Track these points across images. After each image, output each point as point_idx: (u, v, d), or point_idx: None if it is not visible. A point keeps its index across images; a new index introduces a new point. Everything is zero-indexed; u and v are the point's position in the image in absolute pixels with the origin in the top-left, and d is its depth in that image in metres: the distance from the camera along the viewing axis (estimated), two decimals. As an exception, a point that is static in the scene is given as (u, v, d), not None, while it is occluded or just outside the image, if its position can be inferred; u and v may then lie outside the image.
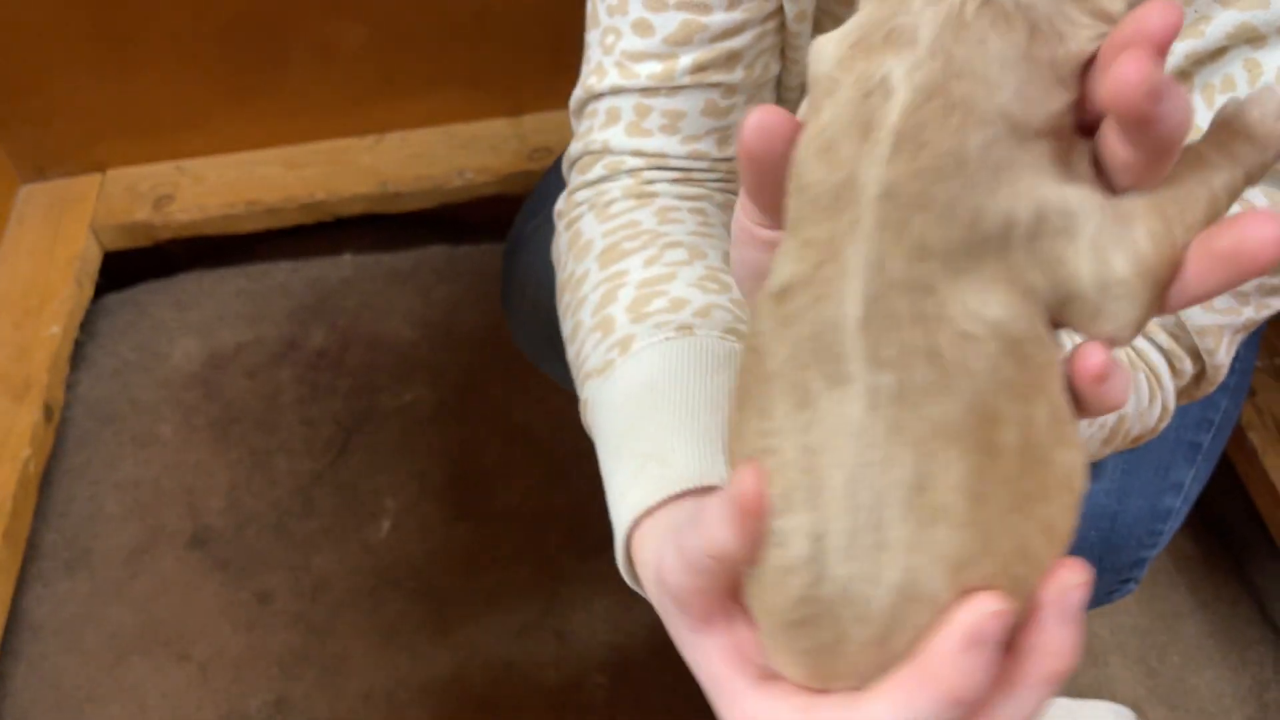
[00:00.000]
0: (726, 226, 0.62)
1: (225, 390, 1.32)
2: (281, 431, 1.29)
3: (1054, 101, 0.29)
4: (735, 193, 0.63)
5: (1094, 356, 0.31)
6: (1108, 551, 0.71)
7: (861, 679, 0.31)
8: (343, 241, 1.44)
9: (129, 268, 1.41)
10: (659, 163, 0.62)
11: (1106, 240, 0.29)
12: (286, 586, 1.16)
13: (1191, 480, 0.74)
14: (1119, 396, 0.32)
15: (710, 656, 0.35)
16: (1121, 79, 0.28)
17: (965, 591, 0.29)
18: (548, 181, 0.89)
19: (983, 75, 0.28)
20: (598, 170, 0.63)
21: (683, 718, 1.03)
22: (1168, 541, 0.74)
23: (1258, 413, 1.03)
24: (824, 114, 0.30)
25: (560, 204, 0.66)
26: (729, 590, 0.34)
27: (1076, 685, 1.02)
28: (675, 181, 0.62)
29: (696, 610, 0.35)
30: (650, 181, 0.62)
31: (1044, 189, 0.29)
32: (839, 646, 0.31)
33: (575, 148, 0.64)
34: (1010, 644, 0.30)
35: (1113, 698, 1.00)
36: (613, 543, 0.47)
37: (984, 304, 0.29)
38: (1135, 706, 1.00)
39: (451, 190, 1.32)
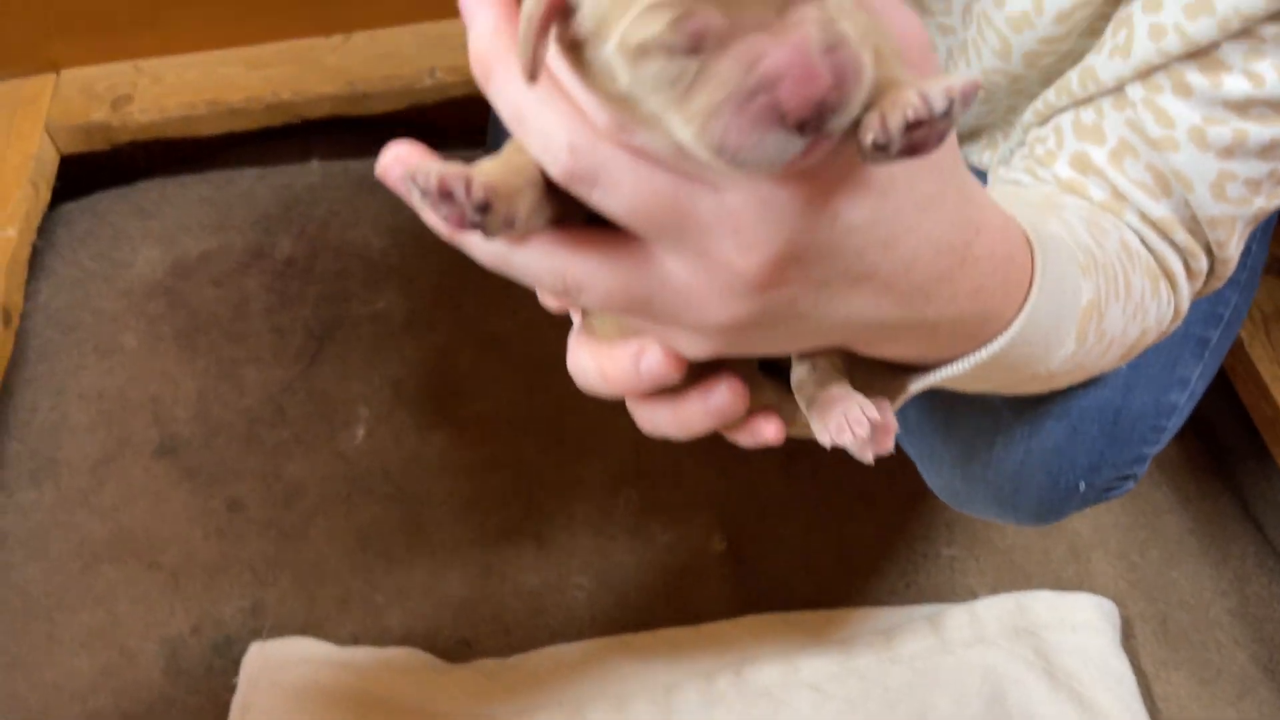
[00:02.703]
0: None
1: (191, 299, 1.29)
2: (250, 340, 1.25)
3: None
4: None
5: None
6: (1110, 445, 0.70)
7: None
8: (309, 147, 1.40)
9: (87, 175, 1.36)
10: None
11: None
12: (258, 494, 1.14)
13: (1198, 377, 0.73)
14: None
15: None
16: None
17: None
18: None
19: None
20: None
21: (665, 620, 1.03)
22: (1171, 437, 0.73)
23: (1243, 306, 1.02)
24: None
25: None
26: None
27: (1059, 579, 1.02)
28: None
29: None
30: None
31: None
32: None
33: None
34: None
35: (1094, 591, 1.00)
36: (590, 450, 0.48)
37: None
38: (1116, 600, 1.00)
39: (421, 90, 1.28)
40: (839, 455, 0.51)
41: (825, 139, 0.32)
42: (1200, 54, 0.55)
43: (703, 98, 0.31)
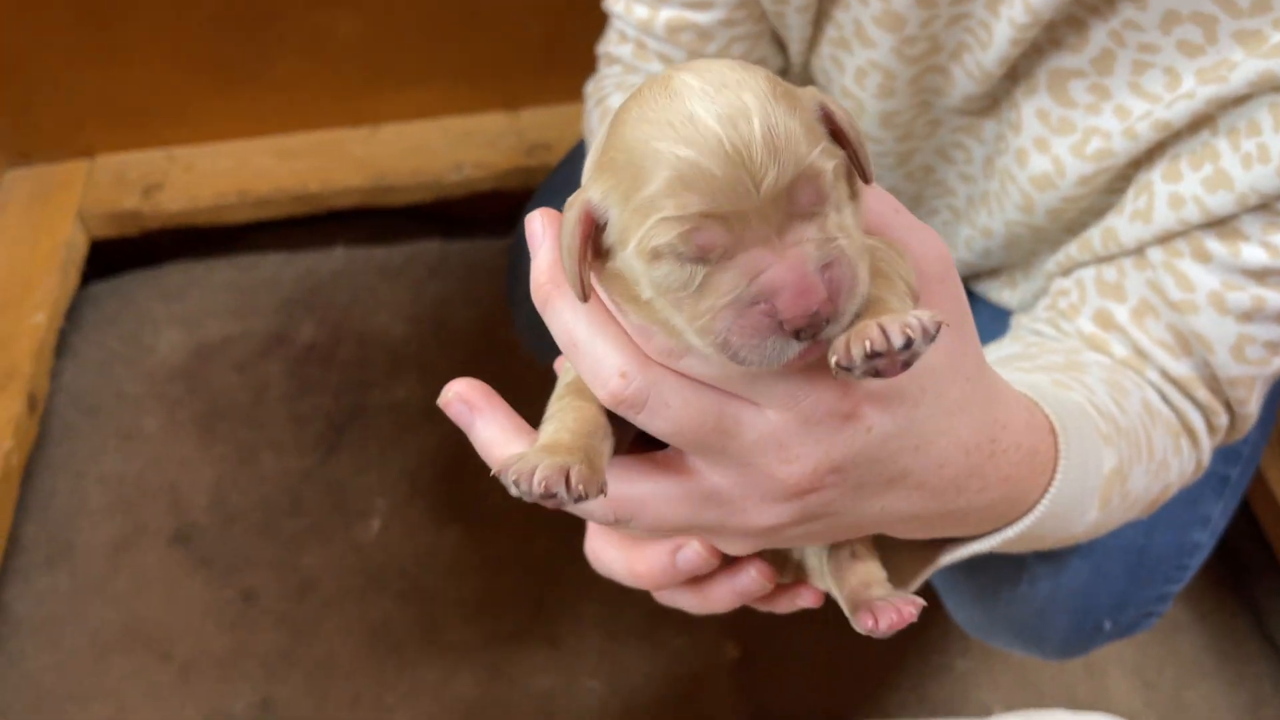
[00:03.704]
0: None
1: (212, 384, 1.30)
2: (269, 427, 1.26)
3: None
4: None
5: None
6: (1134, 585, 0.70)
7: None
8: (334, 234, 1.42)
9: (114, 256, 1.38)
10: None
11: None
12: (272, 585, 1.14)
13: (1219, 513, 0.73)
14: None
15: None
16: None
17: None
18: (555, 177, 0.88)
19: None
20: (623, 58, 0.74)
21: (675, 725, 1.02)
22: (1192, 576, 0.73)
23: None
24: None
25: (589, 86, 0.74)
26: None
27: (1074, 697, 1.01)
28: None
29: None
30: None
31: None
32: None
33: (600, 49, 0.76)
34: None
35: (1109, 710, 0.99)
36: None
37: None
38: (1131, 719, 0.99)
39: (448, 185, 1.30)
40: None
41: (819, 344, 0.35)
42: (1219, 224, 0.56)
43: (708, 300, 0.34)
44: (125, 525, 1.19)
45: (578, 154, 0.87)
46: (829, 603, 0.56)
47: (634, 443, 0.42)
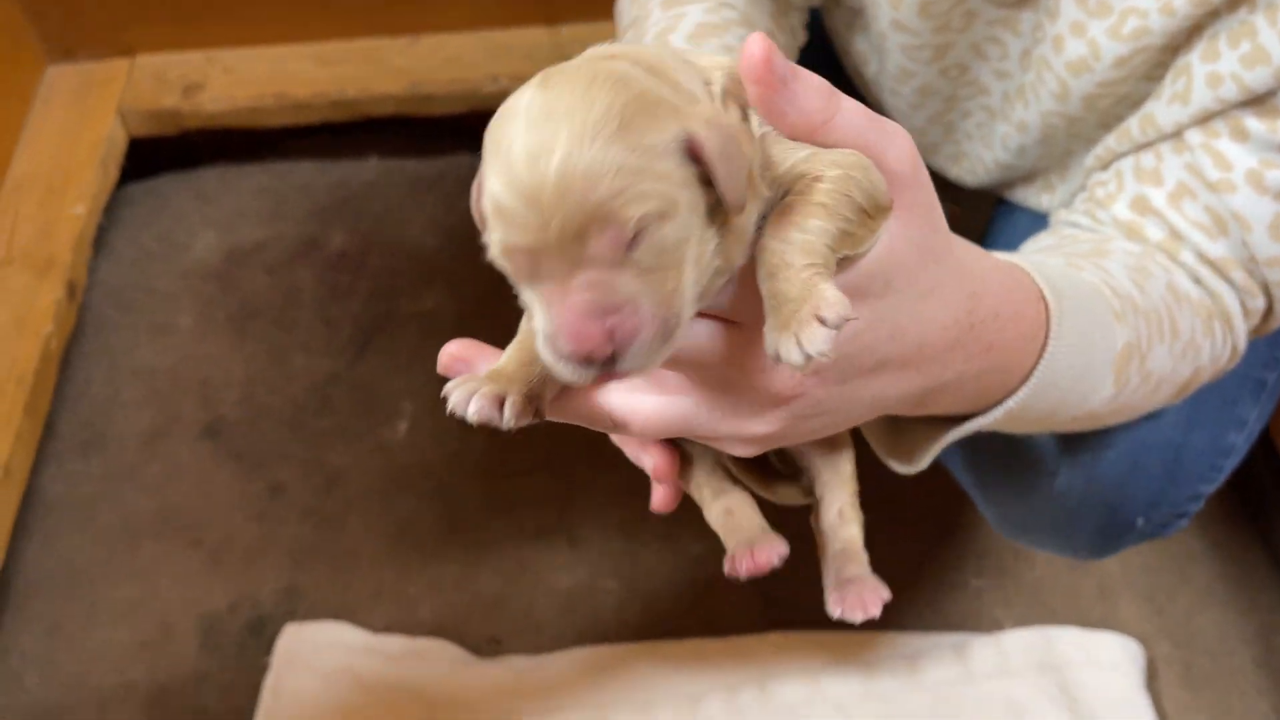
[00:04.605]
0: (771, 14, 0.71)
1: (244, 285, 1.32)
2: (300, 329, 1.28)
3: None
4: None
5: (752, 43, 0.36)
6: (1169, 483, 0.71)
7: None
8: (368, 145, 1.42)
9: (152, 158, 1.39)
10: None
11: None
12: (300, 480, 1.16)
13: (1255, 418, 0.73)
14: (808, 102, 0.38)
15: None
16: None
17: None
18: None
19: None
20: None
21: (691, 630, 1.04)
22: (1226, 477, 0.74)
23: None
24: None
25: None
26: None
27: (1086, 619, 1.03)
28: None
29: None
30: None
31: None
32: None
33: None
34: None
35: (1120, 632, 1.01)
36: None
37: None
38: (1142, 642, 1.01)
39: (485, 96, 1.31)
40: (869, 482, 0.57)
41: (619, 372, 0.36)
42: (1257, 101, 0.56)
43: (536, 316, 0.37)
44: (157, 417, 1.21)
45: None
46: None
47: None
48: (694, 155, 0.35)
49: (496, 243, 0.35)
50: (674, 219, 0.35)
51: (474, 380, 0.40)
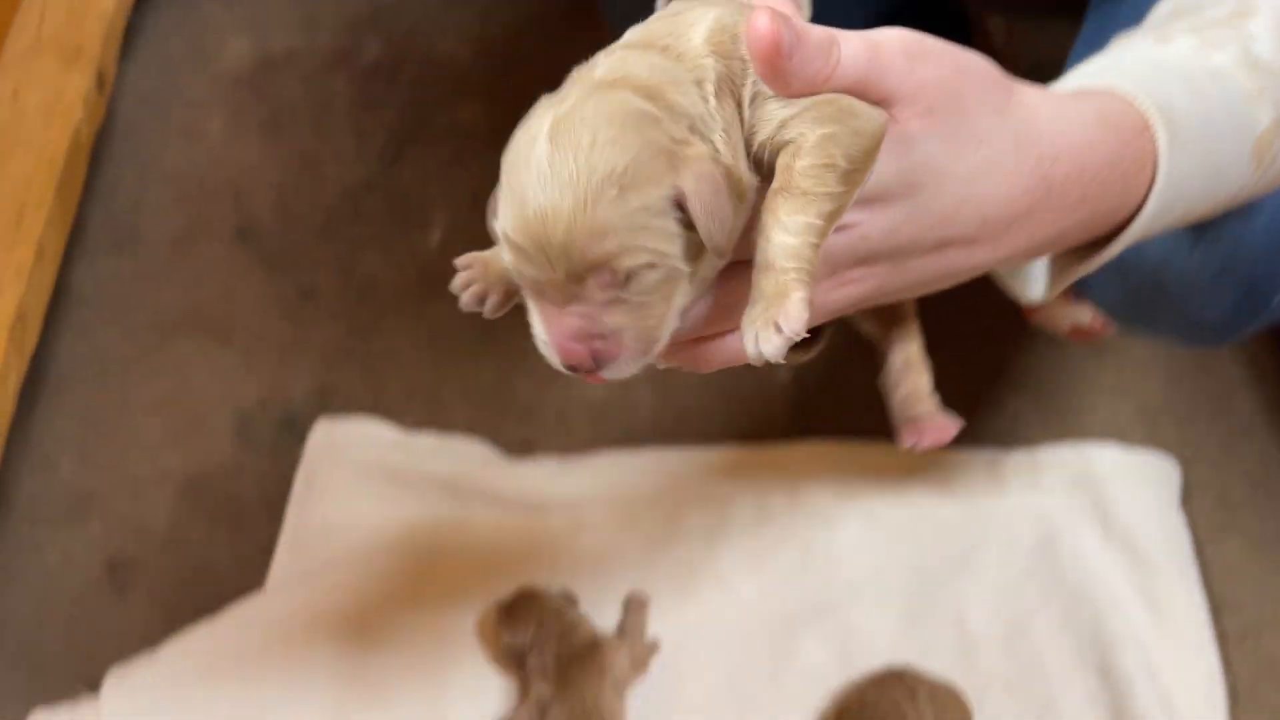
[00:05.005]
0: None
1: (276, 93, 1.29)
2: (333, 138, 1.25)
3: None
4: None
5: (759, 23, 0.39)
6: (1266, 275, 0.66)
7: None
8: (403, -48, 1.38)
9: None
10: None
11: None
12: (332, 285, 1.15)
13: None
14: (811, 67, 0.40)
15: None
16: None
17: None
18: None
19: None
20: None
21: (724, 439, 1.03)
22: None
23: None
24: None
25: None
26: None
27: (1126, 438, 1.01)
28: None
29: None
30: None
31: None
32: None
33: None
34: None
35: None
36: None
37: None
38: (1180, 464, 0.99)
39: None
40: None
41: (603, 377, 0.42)
42: None
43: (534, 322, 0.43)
44: (188, 219, 1.20)
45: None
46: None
47: None
48: (682, 206, 0.39)
49: (508, 260, 0.41)
50: (662, 266, 0.40)
51: (473, 271, 0.48)
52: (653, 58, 0.41)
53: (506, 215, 0.40)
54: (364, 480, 1.00)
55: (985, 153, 0.44)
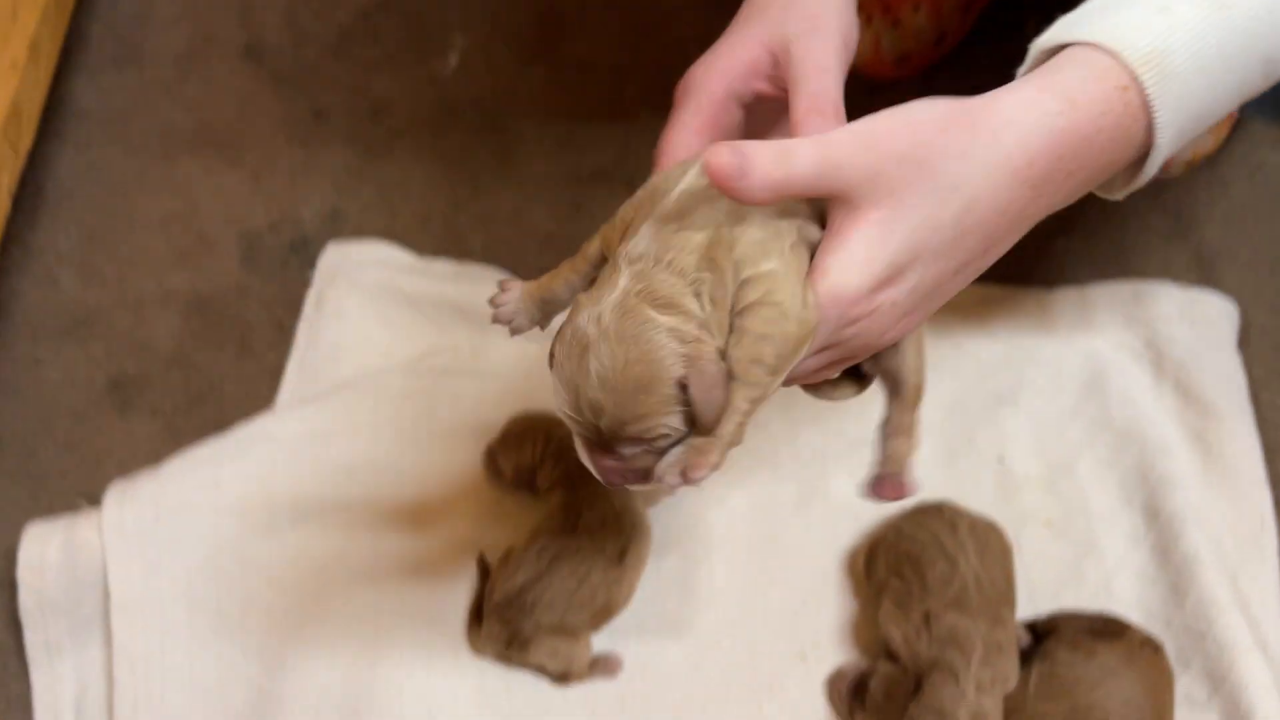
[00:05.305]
0: None
1: (287, -93, 1.21)
2: (346, -46, 1.18)
3: None
4: None
5: (712, 160, 0.48)
6: None
7: None
8: None
9: None
10: None
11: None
12: (344, 106, 1.09)
13: None
14: (767, 183, 0.48)
15: None
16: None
17: None
18: None
19: None
20: None
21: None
22: None
23: None
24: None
25: None
26: None
27: (1183, 281, 0.95)
28: None
29: None
30: None
31: None
32: None
33: None
34: None
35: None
36: None
37: None
38: (1240, 308, 0.94)
39: None
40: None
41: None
42: None
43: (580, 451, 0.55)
44: (194, 35, 1.13)
45: None
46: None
47: None
48: (684, 389, 0.49)
49: (562, 417, 0.52)
50: (672, 434, 0.51)
51: (514, 296, 0.60)
52: (661, 274, 0.50)
53: (562, 398, 0.51)
54: (376, 303, 0.95)
55: (965, 193, 0.49)
